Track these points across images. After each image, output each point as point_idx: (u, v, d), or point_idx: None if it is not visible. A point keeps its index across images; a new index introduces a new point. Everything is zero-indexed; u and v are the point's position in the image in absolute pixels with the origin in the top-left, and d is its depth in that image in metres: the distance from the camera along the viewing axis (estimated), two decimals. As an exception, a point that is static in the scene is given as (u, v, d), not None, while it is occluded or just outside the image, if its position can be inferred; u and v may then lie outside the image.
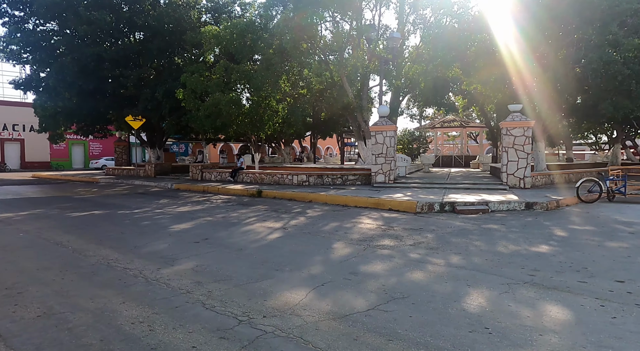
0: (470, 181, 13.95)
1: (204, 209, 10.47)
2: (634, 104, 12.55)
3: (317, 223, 8.14)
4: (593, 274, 4.57)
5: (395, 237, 6.75)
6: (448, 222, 8.15)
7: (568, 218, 8.45)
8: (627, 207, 9.81)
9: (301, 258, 5.44)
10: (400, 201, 10.03)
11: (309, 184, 14.98)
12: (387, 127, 14.19)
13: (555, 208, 9.67)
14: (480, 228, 7.42)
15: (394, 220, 8.49)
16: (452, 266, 4.96)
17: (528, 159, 12.77)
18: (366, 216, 9.04)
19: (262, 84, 15.54)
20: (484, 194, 11.08)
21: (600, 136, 39.46)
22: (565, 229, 7.18)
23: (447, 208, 9.56)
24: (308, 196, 12.06)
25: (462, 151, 33.73)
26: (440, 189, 12.77)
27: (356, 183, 14.93)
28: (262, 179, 16.24)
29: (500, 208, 9.53)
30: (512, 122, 12.88)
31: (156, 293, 4.04)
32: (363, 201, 10.72)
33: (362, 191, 12.63)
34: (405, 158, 17.91)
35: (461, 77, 17.50)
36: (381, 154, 14.28)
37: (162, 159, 25.08)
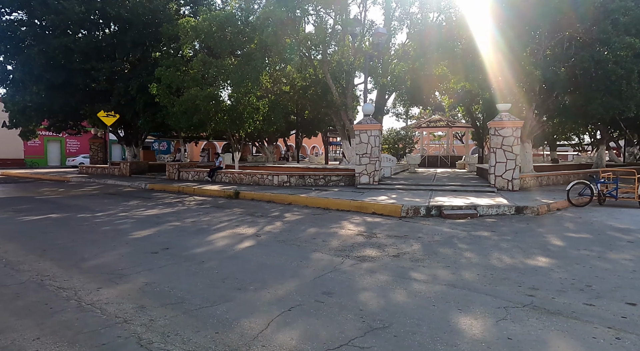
0: (457, 183, 13.46)
1: (174, 212, 9.70)
2: (624, 104, 12.21)
3: (294, 229, 7.48)
4: (600, 295, 4.01)
5: (378, 246, 6.13)
6: (435, 228, 7.58)
7: (561, 223, 7.96)
8: (619, 211, 9.40)
9: (270, 273, 4.77)
10: (385, 205, 9.43)
11: (290, 185, 14.31)
12: (372, 126, 13.60)
13: (546, 212, 9.19)
14: (470, 236, 6.86)
15: (377, 226, 7.89)
16: (441, 284, 4.36)
17: (517, 161, 12.33)
18: (348, 221, 8.41)
19: (241, 80, 14.78)
20: (472, 197, 10.56)
21: (583, 137, 39.79)
22: (561, 238, 6.66)
23: (433, 212, 9.00)
24: (288, 198, 11.39)
25: (448, 152, 33.46)
26: (427, 191, 12.24)
27: (339, 184, 14.31)
28: (242, 179, 15.50)
29: (490, 213, 9.01)
30: (501, 121, 12.42)
31: (85, 323, 3.33)
32: (345, 204, 10.10)
33: (345, 192, 12.01)
34: (391, 158, 17.37)
35: (448, 75, 17.03)
36: (365, 154, 13.69)
37: (140, 157, 24.07)
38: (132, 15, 18.10)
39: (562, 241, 6.43)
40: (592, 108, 12.55)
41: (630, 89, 12.02)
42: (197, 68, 15.94)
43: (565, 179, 15.82)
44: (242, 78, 14.77)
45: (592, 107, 12.55)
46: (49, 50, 17.20)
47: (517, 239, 6.57)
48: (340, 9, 15.61)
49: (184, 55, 16.97)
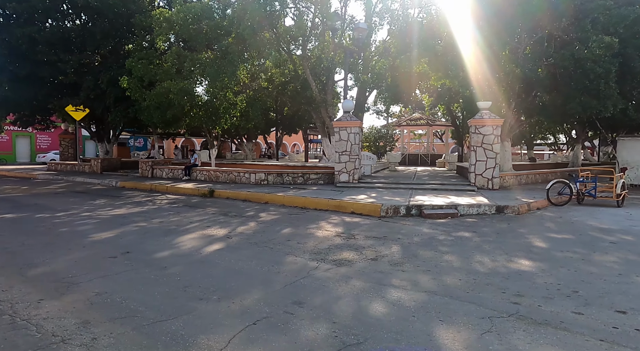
0: (437, 181, 13.29)
1: (142, 211, 9.16)
2: (601, 104, 12.23)
3: (269, 230, 7.09)
4: (588, 301, 3.78)
5: (356, 249, 5.81)
6: (415, 228, 7.31)
7: (542, 223, 7.81)
8: (598, 210, 9.35)
9: (237, 279, 4.38)
10: (364, 204, 9.13)
11: (268, 183, 13.88)
12: (352, 123, 13.30)
13: (526, 212, 9.06)
14: (451, 237, 6.61)
15: (355, 226, 7.57)
16: (421, 291, 4.06)
17: (497, 159, 12.23)
18: (326, 221, 8.07)
19: (218, 74, 14.24)
20: (452, 196, 10.38)
21: (559, 136, 40.61)
22: (543, 239, 6.48)
23: (413, 211, 8.75)
24: (264, 196, 10.97)
25: (428, 150, 33.53)
26: (407, 189, 12.01)
27: (318, 182, 13.97)
28: (218, 177, 14.98)
29: (470, 212, 8.82)
30: (481, 119, 12.29)
31: (13, 345, 2.87)
32: (324, 203, 9.75)
33: (323, 191, 11.67)
34: (371, 156, 17.13)
35: (429, 72, 16.87)
36: (345, 151, 13.38)
37: (113, 153, 23.18)
38: (103, 5, 17.26)
39: (545, 242, 6.25)
40: (570, 107, 12.55)
41: (608, 88, 12.05)
42: (171, 61, 15.30)
43: (544, 177, 15.89)
44: (219, 72, 14.23)
45: (571, 106, 12.55)
46: (12, 40, 16.24)
47: (499, 240, 6.35)
48: (320, 3, 15.24)
49: (158, 48, 16.29)
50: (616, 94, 12.15)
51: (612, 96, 12.14)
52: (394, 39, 18.23)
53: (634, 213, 9.12)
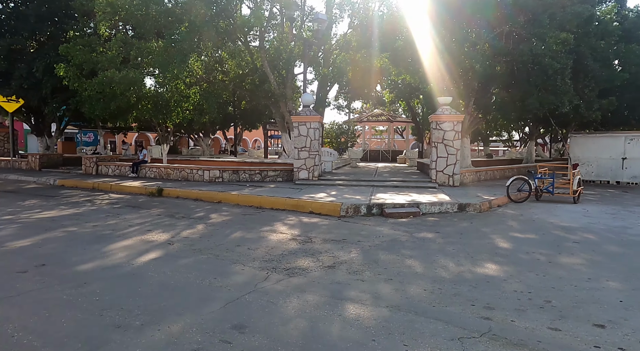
0: (398, 178, 13.03)
1: (76, 214, 8.18)
2: (558, 99, 12.39)
3: (218, 234, 6.42)
4: (563, 314, 3.43)
5: (312, 254, 5.27)
6: (376, 229, 6.88)
7: (505, 222, 7.62)
8: (556, 207, 9.36)
9: (170, 298, 3.72)
10: (323, 203, 8.62)
11: (223, 180, 13.08)
12: (311, 117, 12.75)
13: (488, 210, 8.90)
14: (413, 238, 6.22)
15: (314, 227, 7.04)
16: (382, 306, 3.57)
17: (457, 156, 12.10)
18: (282, 222, 7.49)
19: (167, 64, 13.22)
20: (413, 194, 10.09)
21: (513, 133, 42.12)
22: (507, 239, 6.22)
23: (374, 210, 8.34)
24: (217, 195, 10.22)
25: (390, 146, 33.65)
26: (368, 187, 11.64)
27: (277, 180, 13.33)
28: (169, 174, 13.99)
29: (432, 210, 8.52)
30: (442, 115, 12.11)
31: None
32: (281, 202, 9.16)
33: (281, 189, 11.06)
34: (332, 152, 16.69)
35: (390, 67, 16.62)
36: (304, 147, 12.82)
37: (55, 149, 21.36)
38: (36, -15, 15.65)
39: (509, 242, 5.98)
40: (529, 103, 12.63)
41: (564, 84, 12.22)
42: (116, 49, 14.07)
43: (502, 174, 16.08)
44: (168, 62, 13.22)
45: (529, 102, 12.63)
46: None
47: (463, 241, 6.02)
48: (278, -8, 14.53)
49: (102, 35, 14.96)
50: (572, 90, 12.35)
51: (568, 92, 12.32)
52: (354, 32, 17.85)
53: (590, 209, 9.18)
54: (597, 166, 16.14)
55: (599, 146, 16.18)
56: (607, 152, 16.04)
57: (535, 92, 12.87)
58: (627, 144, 15.62)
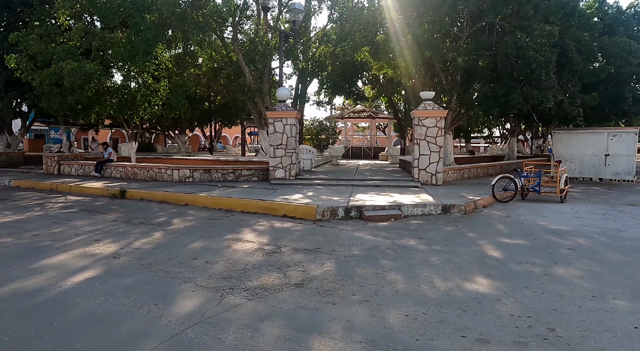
0: (379, 177, 12.45)
1: (18, 221, 7.29)
2: (542, 94, 11.99)
3: (175, 244, 5.68)
4: (571, 347, 2.85)
5: (279, 268, 4.60)
6: (354, 236, 6.25)
7: (492, 225, 7.09)
8: (543, 207, 8.90)
9: (90, 335, 2.99)
10: (298, 205, 7.94)
11: (194, 180, 12.26)
12: (288, 113, 12.04)
13: (473, 211, 8.37)
14: (394, 246, 5.61)
15: (285, 233, 6.36)
16: (355, 340, 2.93)
17: (441, 153, 11.58)
18: (250, 228, 6.79)
19: (132, 55, 12.27)
20: (395, 194, 9.50)
21: (494, 130, 42.21)
22: (496, 245, 5.67)
23: (353, 213, 7.71)
24: (184, 197, 9.42)
25: (372, 143, 33.17)
26: (347, 186, 11.02)
27: (251, 179, 12.59)
28: (136, 174, 13.07)
29: (415, 212, 7.94)
30: (425, 111, 11.56)
31: None
32: (252, 204, 8.44)
33: (255, 190, 10.33)
34: (311, 150, 16.01)
35: (371, 60, 16.01)
36: (281, 145, 12.11)
37: (20, 147, 20.06)
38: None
39: (499, 250, 5.43)
40: (512, 98, 12.20)
41: (549, 79, 11.82)
42: (77, 39, 13.03)
43: (485, 171, 15.70)
44: (133, 53, 12.27)
45: (513, 97, 12.20)
46: None
47: (449, 249, 5.44)
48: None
49: (61, 24, 13.85)
50: (556, 85, 11.97)
51: (553, 86, 11.94)
52: (334, 25, 17.16)
53: (578, 209, 8.75)
54: (580, 163, 15.90)
55: (582, 143, 15.94)
56: (590, 148, 15.82)
57: (519, 87, 12.46)
58: (610, 140, 15.41)
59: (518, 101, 12.23)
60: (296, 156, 12.37)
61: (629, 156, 15.15)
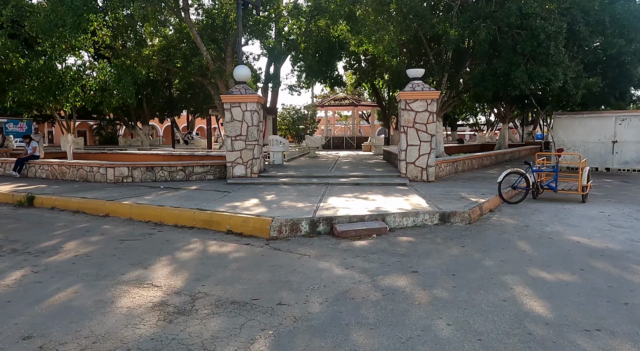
0: (360, 172, 10.42)
1: None
2: (550, 72, 10.08)
3: (26, 296, 3.56)
4: None
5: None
6: (317, 267, 4.23)
7: (510, 242, 5.14)
8: (564, 210, 7.04)
9: None
10: (247, 217, 5.86)
11: (133, 181, 10.02)
12: (247, 97, 9.88)
13: (478, 218, 6.43)
14: (377, 291, 3.60)
15: (217, 266, 4.30)
16: None
17: (432, 143, 9.63)
18: (171, 257, 4.70)
19: (55, 27, 9.88)
20: (378, 196, 7.50)
21: (480, 116, 40.70)
22: (531, 287, 3.71)
23: (321, 227, 5.68)
24: (104, 206, 7.23)
25: (354, 132, 31.16)
26: (320, 185, 8.97)
27: (206, 178, 10.43)
28: (64, 173, 10.75)
29: (405, 224, 5.95)
30: (413, 92, 9.55)
31: None
32: (188, 215, 6.32)
33: (203, 193, 8.20)
34: (282, 141, 13.87)
35: (349, 36, 13.88)
36: (240, 136, 9.97)
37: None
38: None
39: (540, 298, 3.46)
40: (515, 76, 10.28)
41: (558, 53, 9.92)
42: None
43: (480, 162, 13.85)
44: (55, 24, 9.87)
45: (516, 75, 10.28)
46: None
47: (462, 298, 3.45)
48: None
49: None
50: (567, 61, 10.07)
51: (563, 62, 10.04)
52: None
53: (609, 211, 6.91)
54: (584, 151, 14.16)
55: (586, 128, 14.22)
56: (595, 134, 14.11)
57: (522, 63, 10.53)
58: (617, 125, 13.70)
59: (521, 80, 10.31)
60: (259, 149, 10.25)
61: (639, 142, 13.49)
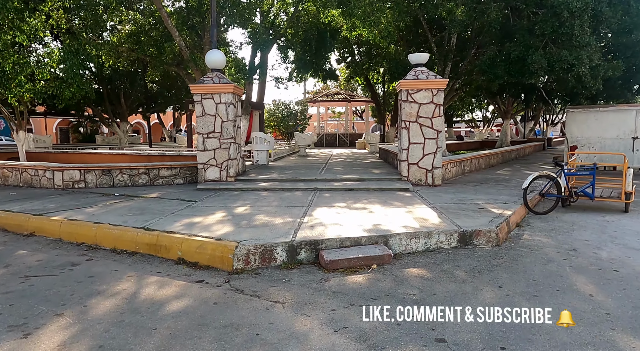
0: (355, 175, 8.96)
1: None
2: (574, 56, 8.68)
3: None
4: None
5: None
6: (292, 330, 2.77)
7: (565, 278, 3.71)
8: (609, 224, 5.65)
9: None
10: (203, 242, 4.37)
11: (86, 186, 8.47)
12: (221, 87, 8.38)
13: (506, 237, 5.01)
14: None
15: (146, 320, 2.83)
16: None
17: (439, 140, 8.20)
18: (81, 308, 3.24)
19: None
20: (377, 207, 6.05)
21: (476, 112, 39.45)
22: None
23: (303, 254, 4.22)
24: (29, 222, 5.69)
25: (347, 129, 29.72)
26: (307, 191, 7.51)
27: (174, 182, 8.92)
28: (6, 177, 9.17)
29: (413, 248, 4.51)
30: (416, 81, 8.11)
31: None
32: (129, 237, 4.81)
33: (162, 202, 6.70)
34: (266, 139, 12.38)
35: (340, 20, 12.38)
36: (213, 133, 8.49)
37: None
38: None
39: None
40: (533, 60, 8.87)
41: (583, 34, 8.50)
42: None
43: (487, 162, 12.45)
44: None
45: (533, 58, 8.87)
46: None
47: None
48: None
49: None
50: (594, 43, 8.68)
51: (589, 44, 8.63)
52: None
53: (665, 226, 5.52)
54: (600, 148, 12.79)
55: (603, 123, 12.82)
56: (612, 130, 12.72)
57: (540, 47, 9.11)
58: (638, 120, 12.37)
59: (539, 65, 8.90)
60: (237, 148, 8.76)
61: (663, 139, 12.16)
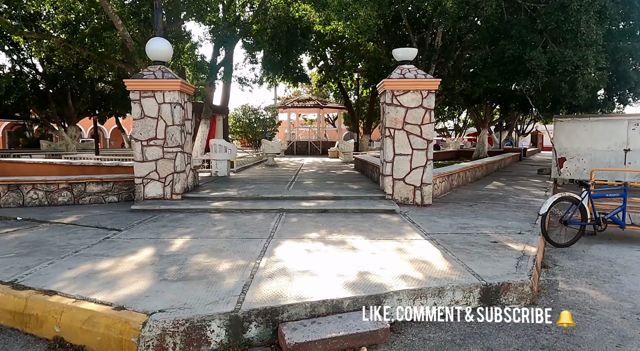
0: (329, 192, 7.46)
1: None
2: (578, 55, 7.60)
3: None
4: None
5: None
6: None
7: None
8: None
9: None
10: (95, 312, 2.75)
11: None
12: (166, 83, 6.76)
13: (537, 289, 3.65)
14: None
15: None
16: None
17: (429, 151, 6.88)
18: None
19: None
20: (359, 241, 4.59)
21: (447, 121, 39.18)
22: None
23: (254, 332, 2.67)
24: None
25: (320, 137, 28.38)
26: (270, 214, 5.98)
27: (106, 199, 7.18)
28: None
29: (419, 316, 3.05)
30: (402, 81, 6.77)
31: None
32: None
33: (75, 230, 4.99)
34: (228, 147, 10.76)
35: (313, 14, 10.99)
36: (154, 139, 6.85)
37: None
38: None
39: None
40: (532, 57, 7.73)
41: (590, 31, 7.43)
42: None
43: (473, 174, 11.29)
44: None
45: (532, 55, 7.73)
46: None
47: None
48: None
49: None
50: (600, 41, 7.64)
51: (595, 42, 7.59)
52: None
53: None
54: (591, 161, 11.99)
55: (593, 134, 12.01)
56: (603, 141, 11.92)
57: (539, 44, 8.00)
58: (631, 130, 11.55)
59: (537, 63, 7.76)
60: (185, 158, 7.12)
61: (657, 151, 11.41)
